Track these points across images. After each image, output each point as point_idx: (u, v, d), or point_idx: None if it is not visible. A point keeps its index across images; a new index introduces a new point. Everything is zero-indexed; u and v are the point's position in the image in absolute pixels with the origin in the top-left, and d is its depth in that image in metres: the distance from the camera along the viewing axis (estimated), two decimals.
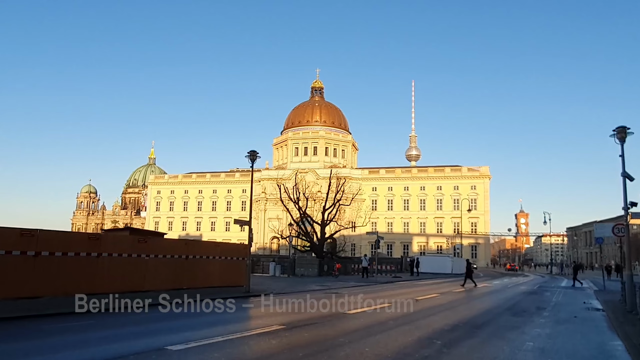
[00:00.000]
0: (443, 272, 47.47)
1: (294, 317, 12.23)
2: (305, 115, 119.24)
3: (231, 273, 22.41)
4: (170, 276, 19.48)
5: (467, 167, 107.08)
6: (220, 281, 21.65)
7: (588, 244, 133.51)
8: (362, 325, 10.99)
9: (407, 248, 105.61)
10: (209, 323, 11.09)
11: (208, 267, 21.38)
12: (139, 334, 9.71)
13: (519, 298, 20.97)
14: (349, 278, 35.07)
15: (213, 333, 9.02)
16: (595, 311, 16.34)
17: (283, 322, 10.73)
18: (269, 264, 35.16)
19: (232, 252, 23.23)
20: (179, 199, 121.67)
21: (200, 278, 20.74)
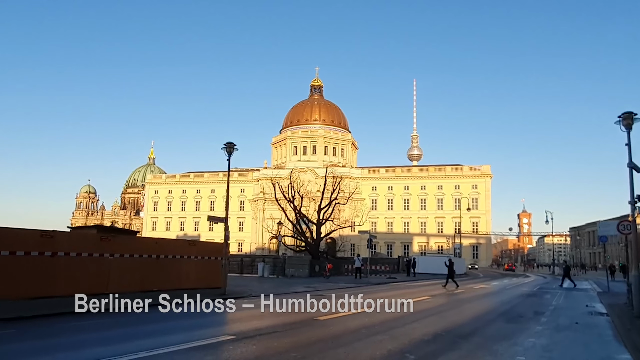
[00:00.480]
0: (441, 273, 45.69)
1: (254, 325, 10.75)
2: (304, 114, 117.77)
3: (208, 274, 20.90)
4: (139, 277, 17.97)
5: (468, 166, 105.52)
6: (196, 283, 20.13)
7: (591, 243, 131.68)
8: (328, 335, 9.52)
9: (407, 248, 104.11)
10: (146, 333, 9.65)
11: (182, 268, 19.85)
12: (55, 347, 8.23)
13: (516, 301, 19.45)
14: (341, 279, 33.57)
15: (139, 346, 7.54)
16: (598, 316, 14.83)
17: (236, 331, 9.28)
18: (258, 264, 33.64)
19: (210, 252, 21.65)
20: (176, 198, 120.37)
21: (173, 279, 19.23)
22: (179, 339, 8.38)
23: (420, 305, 15.75)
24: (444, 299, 18.15)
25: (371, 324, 11.22)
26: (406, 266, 44.05)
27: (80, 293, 15.34)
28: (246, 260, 37.47)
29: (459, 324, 11.79)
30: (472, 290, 24.75)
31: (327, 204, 53.69)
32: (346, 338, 9.22)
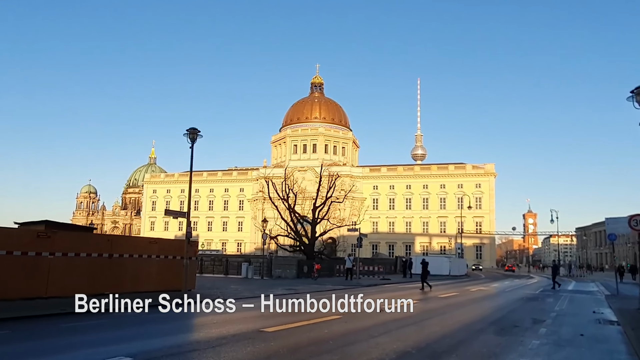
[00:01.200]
0: (439, 274, 43.70)
1: (177, 340, 8.66)
2: (305, 112, 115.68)
3: (175, 275, 18.86)
4: (87, 279, 16.03)
5: (472, 165, 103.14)
6: (160, 284, 18.10)
7: (598, 244, 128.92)
8: (262, 353, 7.43)
9: (409, 248, 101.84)
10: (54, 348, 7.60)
11: (142, 268, 17.88)
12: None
13: (514, 306, 17.31)
14: (330, 280, 31.46)
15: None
16: (608, 325, 12.68)
17: (135, 351, 7.20)
18: (242, 265, 31.55)
19: (176, 251, 19.60)
20: (175, 198, 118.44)
21: (130, 281, 17.27)
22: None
23: (400, 312, 13.62)
24: (433, 304, 16.01)
25: (327, 337, 9.13)
26: (402, 267, 41.81)
27: (10, 297, 13.41)
28: (232, 261, 35.34)
29: (437, 337, 9.65)
30: (468, 293, 22.57)
31: (322, 203, 51.86)
32: (286, 357, 7.15)
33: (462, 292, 22.56)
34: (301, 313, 12.28)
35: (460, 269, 48.91)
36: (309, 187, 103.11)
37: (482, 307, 16.67)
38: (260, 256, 35.54)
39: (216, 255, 44.13)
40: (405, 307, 13.84)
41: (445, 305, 16.03)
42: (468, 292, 22.89)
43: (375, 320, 11.58)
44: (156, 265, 18.48)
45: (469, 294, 22.41)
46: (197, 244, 20.37)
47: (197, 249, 20.19)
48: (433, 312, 13.88)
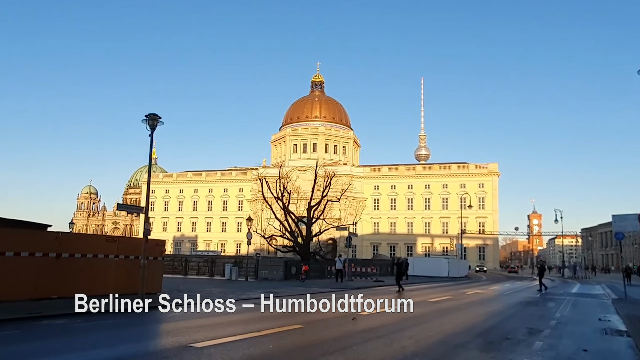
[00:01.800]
0: (438, 276, 41.85)
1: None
2: (305, 111, 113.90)
3: (136, 276, 17.11)
4: (30, 282, 14.32)
5: (475, 164, 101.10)
6: (119, 287, 16.33)
7: (604, 245, 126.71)
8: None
9: (411, 249, 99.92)
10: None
11: (96, 270, 16.14)
12: None
13: (510, 312, 15.49)
14: (319, 282, 29.67)
15: None
16: (616, 336, 10.86)
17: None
18: (225, 265, 29.76)
19: (139, 250, 17.81)
20: (173, 198, 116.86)
21: (84, 284, 15.52)
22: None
23: (377, 319, 11.84)
24: (418, 310, 14.11)
25: (266, 356, 7.31)
26: (397, 269, 39.75)
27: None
28: (218, 262, 33.59)
29: (407, 355, 7.84)
30: (462, 297, 20.71)
31: (318, 202, 50.40)
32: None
33: (456, 296, 20.70)
34: (258, 321, 10.58)
35: (460, 270, 47.02)
36: (309, 187, 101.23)
37: (474, 313, 14.82)
38: (245, 257, 33.68)
39: (202, 256, 42.44)
40: (385, 314, 12.07)
41: (432, 311, 14.19)
42: (463, 296, 21.03)
43: (341, 331, 9.81)
44: (115, 266, 16.73)
45: (463, 297, 20.57)
46: (164, 243, 18.66)
47: (163, 248, 18.48)
48: (414, 320, 12.04)
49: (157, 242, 18.87)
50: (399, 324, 11.40)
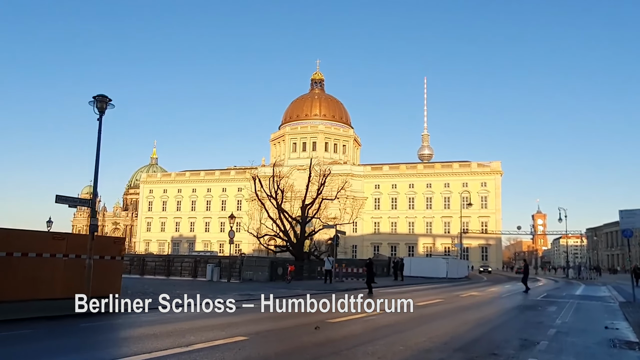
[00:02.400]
0: (436, 277, 39.99)
1: None
2: (304, 109, 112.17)
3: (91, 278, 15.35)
4: None
5: (477, 163, 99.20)
6: (68, 290, 14.61)
7: (609, 245, 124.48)
8: None
9: (412, 250, 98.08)
10: None
11: (40, 271, 14.39)
12: None
13: (503, 318, 13.69)
14: (307, 284, 27.88)
15: None
16: (626, 350, 9.07)
17: None
18: (207, 266, 28.02)
19: (95, 249, 16.03)
20: (171, 198, 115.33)
21: (25, 286, 13.80)
22: None
23: (344, 328, 10.08)
24: (399, 316, 12.25)
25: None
26: (393, 269, 38.01)
27: None
28: (202, 262, 31.82)
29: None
30: (454, 300, 18.88)
31: (312, 200, 48.87)
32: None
33: (448, 299, 18.88)
34: (201, 331, 8.87)
35: (460, 271, 45.12)
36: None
37: (460, 320, 12.96)
38: (229, 257, 31.94)
39: (188, 256, 40.74)
40: (357, 321, 10.35)
41: (412, 318, 12.33)
42: (455, 299, 19.20)
43: (291, 345, 8.09)
44: (63, 265, 14.95)
45: (455, 300, 18.74)
46: (123, 241, 16.93)
47: (122, 246, 16.75)
48: (387, 329, 10.24)
49: (115, 240, 17.11)
50: (368, 334, 9.62)
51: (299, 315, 10.77)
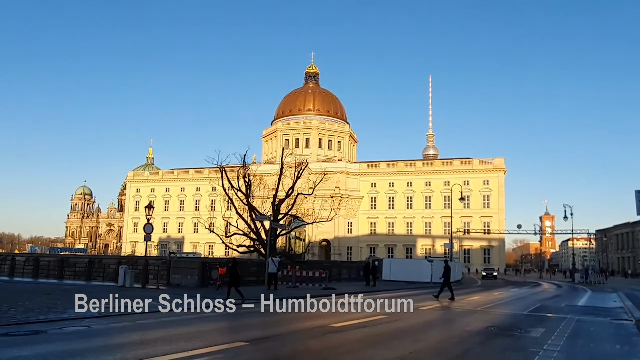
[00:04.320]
0: (420, 281, 34.48)
1: None
2: (297, 104, 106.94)
3: None
4: None
5: (479, 160, 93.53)
6: None
7: (620, 247, 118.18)
8: None
9: (410, 251, 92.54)
10: None
11: None
12: None
13: (448, 355, 8.41)
14: (247, 290, 22.47)
15: None
16: None
17: None
18: (119, 268, 22.71)
19: None
20: (159, 197, 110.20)
21: None
22: None
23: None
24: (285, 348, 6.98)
25: None
26: (364, 272, 32.49)
27: None
28: (107, 262, 26.47)
29: None
30: (405, 317, 13.44)
31: (286, 196, 44.21)
32: None
33: (396, 315, 13.39)
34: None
35: (455, 274, 39.34)
36: (301, 184, 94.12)
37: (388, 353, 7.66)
38: (157, 258, 26.71)
39: (93, 257, 35.39)
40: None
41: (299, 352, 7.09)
42: (407, 315, 13.65)
43: None
44: None
45: (404, 318, 13.31)
46: None
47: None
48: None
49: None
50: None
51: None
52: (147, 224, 22.22)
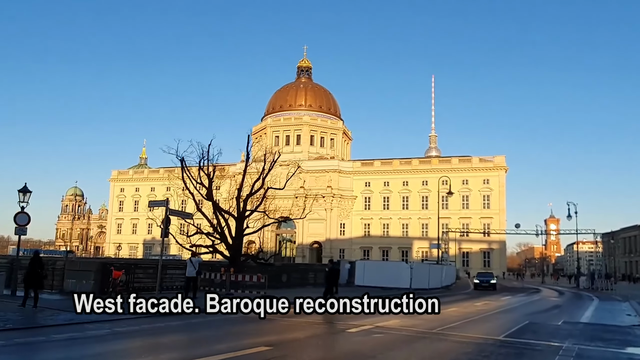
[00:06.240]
0: (397, 287, 29.31)
1: None
2: (288, 99, 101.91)
3: None
4: None
5: (479, 158, 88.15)
6: None
7: (628, 251, 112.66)
8: None
9: (406, 254, 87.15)
10: None
11: None
12: None
13: None
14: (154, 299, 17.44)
15: None
16: None
17: None
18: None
19: None
20: (144, 197, 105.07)
21: None
22: None
23: None
24: None
25: None
26: (325, 278, 27.08)
27: None
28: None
29: None
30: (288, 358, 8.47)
31: (253, 191, 38.71)
32: None
33: (284, 348, 8.40)
34: None
35: (434, 279, 34.25)
36: (292, 184, 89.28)
37: None
38: (59, 259, 21.56)
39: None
40: None
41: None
42: (301, 348, 8.71)
43: None
44: None
45: (295, 352, 8.31)
46: None
47: None
48: None
49: None
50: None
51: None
52: (21, 214, 17.16)
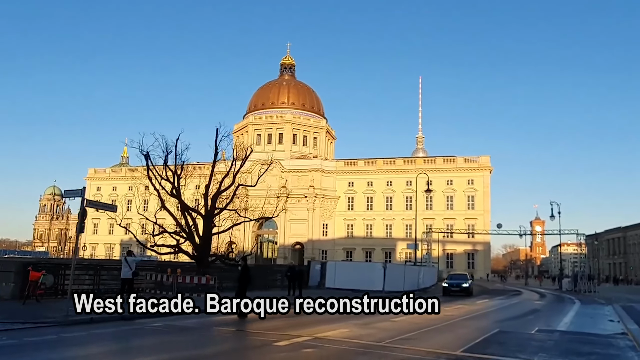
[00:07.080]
0: (369, 289, 27.45)
1: None
2: (270, 97, 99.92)
3: None
4: None
5: (463, 158, 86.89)
6: None
7: (611, 252, 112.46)
8: None
9: (389, 256, 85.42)
10: None
11: None
12: None
13: None
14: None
15: None
16: None
17: None
18: None
19: None
20: (121, 196, 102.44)
21: None
22: None
23: None
24: None
25: None
26: (287, 278, 25.40)
27: None
28: None
29: None
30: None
31: (223, 188, 36.90)
32: None
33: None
34: None
35: (411, 281, 32.49)
36: (273, 183, 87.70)
37: None
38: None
39: None
40: None
41: None
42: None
43: None
44: None
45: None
46: None
47: None
48: None
49: None
50: None
51: None
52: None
